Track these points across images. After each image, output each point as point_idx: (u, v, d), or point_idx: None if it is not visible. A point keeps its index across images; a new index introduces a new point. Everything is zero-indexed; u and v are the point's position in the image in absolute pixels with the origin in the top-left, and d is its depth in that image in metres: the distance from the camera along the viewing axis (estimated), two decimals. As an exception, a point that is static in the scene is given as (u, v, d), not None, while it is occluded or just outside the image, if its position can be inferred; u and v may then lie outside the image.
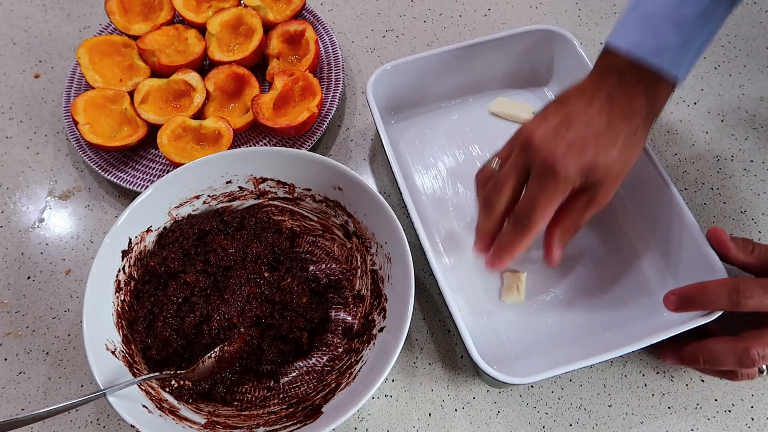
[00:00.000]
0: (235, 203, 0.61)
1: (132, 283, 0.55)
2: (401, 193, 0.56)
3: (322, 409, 0.50)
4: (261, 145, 0.68)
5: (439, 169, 0.66)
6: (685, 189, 0.66)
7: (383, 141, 0.59)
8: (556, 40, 0.66)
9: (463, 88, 0.69)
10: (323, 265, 0.61)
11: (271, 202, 0.61)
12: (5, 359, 0.59)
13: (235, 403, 0.53)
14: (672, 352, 0.53)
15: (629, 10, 0.50)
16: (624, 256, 0.60)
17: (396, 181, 0.57)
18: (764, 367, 0.51)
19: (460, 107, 0.70)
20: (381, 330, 0.53)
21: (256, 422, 0.51)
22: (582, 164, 0.48)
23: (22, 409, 0.56)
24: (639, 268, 0.59)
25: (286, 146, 0.67)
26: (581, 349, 0.55)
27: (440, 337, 0.59)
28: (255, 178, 0.59)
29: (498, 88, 0.70)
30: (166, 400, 0.51)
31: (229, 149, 0.61)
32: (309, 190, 0.59)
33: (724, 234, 0.53)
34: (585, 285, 0.59)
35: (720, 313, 0.50)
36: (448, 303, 0.51)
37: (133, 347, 0.53)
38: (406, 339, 0.49)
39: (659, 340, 0.50)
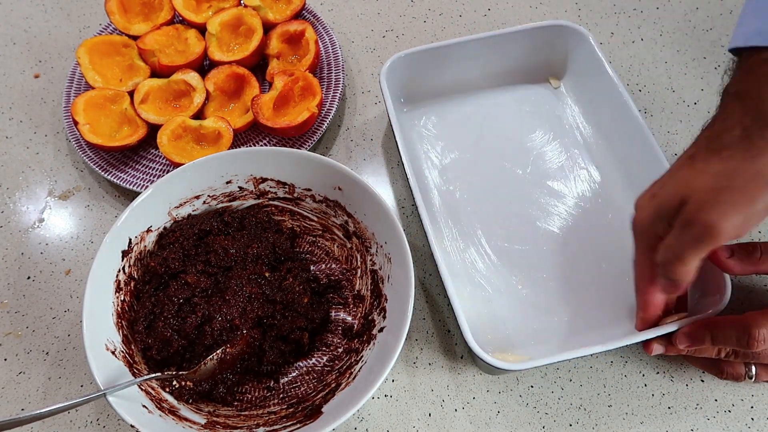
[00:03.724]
0: (235, 203, 0.61)
1: (132, 283, 0.55)
2: (409, 183, 0.57)
3: (322, 409, 0.50)
4: (261, 145, 0.68)
5: (450, 162, 0.66)
6: (685, 189, 0.66)
7: (394, 128, 0.59)
8: (571, 35, 0.66)
9: (476, 80, 0.70)
10: (323, 265, 0.61)
11: (271, 202, 0.61)
12: (5, 359, 0.59)
13: (235, 404, 0.53)
14: (655, 342, 0.52)
15: (743, 11, 0.44)
16: (628, 252, 0.60)
17: (405, 170, 0.57)
18: (753, 371, 0.51)
19: (473, 99, 0.70)
20: (381, 330, 0.53)
21: (256, 422, 0.51)
22: (657, 205, 0.46)
23: (22, 409, 0.56)
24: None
25: (286, 146, 0.67)
26: (579, 343, 0.56)
27: (440, 337, 0.59)
28: (255, 178, 0.59)
29: (511, 82, 0.70)
30: (166, 400, 0.51)
31: (229, 149, 0.61)
32: (309, 190, 0.59)
33: (718, 253, 0.50)
34: (586, 279, 0.59)
35: (717, 311, 0.50)
36: (449, 290, 0.51)
37: (133, 347, 0.53)
38: (406, 339, 0.49)
39: (657, 334, 0.50)
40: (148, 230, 0.56)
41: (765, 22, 0.41)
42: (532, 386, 0.56)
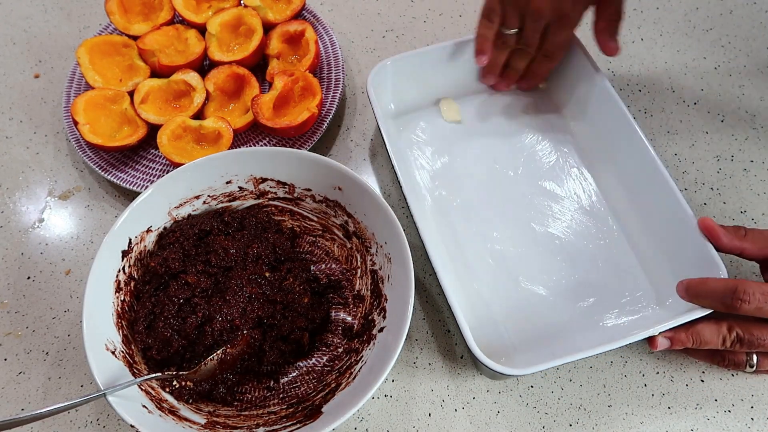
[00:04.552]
0: (235, 203, 0.61)
1: (132, 284, 0.55)
2: (402, 190, 0.56)
3: (322, 409, 0.50)
4: (261, 145, 0.68)
5: (441, 166, 0.66)
6: (685, 189, 0.66)
7: (383, 136, 0.59)
8: None
9: (465, 84, 0.69)
10: (323, 265, 0.61)
11: (271, 202, 0.61)
12: (5, 359, 0.59)
13: (235, 404, 0.53)
14: (659, 337, 0.52)
15: None
16: (623, 249, 0.61)
17: (397, 177, 0.57)
18: (754, 360, 0.52)
19: (461, 103, 0.70)
20: (381, 330, 0.53)
21: (256, 422, 0.51)
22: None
23: (22, 409, 0.56)
24: (638, 262, 0.60)
25: (286, 146, 0.67)
26: (580, 343, 0.56)
27: (440, 337, 0.59)
28: (255, 178, 0.59)
29: None
30: (166, 400, 0.51)
31: (229, 149, 0.61)
32: (309, 190, 0.59)
33: (713, 222, 0.53)
34: (584, 279, 0.59)
35: None
36: (448, 297, 0.51)
37: (133, 347, 0.53)
38: (406, 339, 0.49)
39: (656, 332, 0.50)
40: (148, 230, 0.56)
41: None
42: (532, 386, 0.56)
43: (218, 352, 0.52)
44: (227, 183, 0.59)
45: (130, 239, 0.55)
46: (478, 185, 0.65)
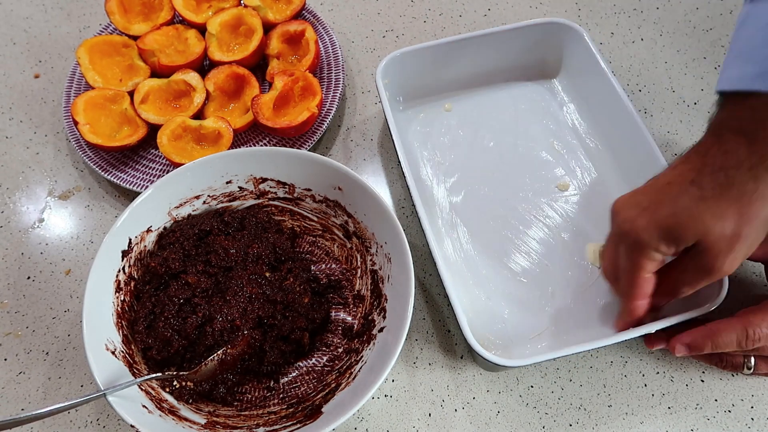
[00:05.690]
0: (235, 203, 0.61)
1: (132, 284, 0.55)
2: (406, 181, 0.57)
3: (322, 409, 0.50)
4: (261, 145, 0.68)
5: (446, 159, 0.67)
6: (685, 189, 0.66)
7: (390, 128, 0.59)
8: (566, 32, 0.67)
9: (472, 78, 0.70)
10: (323, 265, 0.61)
11: (271, 202, 0.61)
12: (5, 359, 0.59)
13: (236, 404, 0.53)
14: (657, 338, 0.53)
15: (727, 54, 0.45)
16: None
17: (402, 170, 0.57)
18: (752, 362, 0.52)
19: (469, 97, 0.70)
20: (381, 330, 0.53)
21: (256, 422, 0.51)
22: (657, 224, 0.46)
23: (22, 409, 0.56)
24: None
25: (286, 146, 0.67)
26: (579, 340, 0.56)
27: (440, 337, 0.59)
28: (255, 178, 0.59)
29: (507, 80, 0.71)
30: (166, 400, 0.51)
31: (229, 149, 0.62)
32: (309, 190, 0.59)
33: None
34: (585, 277, 0.59)
35: (714, 307, 0.51)
36: (448, 290, 0.51)
37: (133, 347, 0.53)
38: (406, 339, 0.49)
39: (654, 330, 0.51)
40: (148, 230, 0.56)
41: (758, 65, 0.42)
42: (532, 386, 0.56)
43: (219, 352, 0.52)
44: (227, 183, 0.59)
45: (130, 239, 0.55)
46: (483, 180, 0.65)
